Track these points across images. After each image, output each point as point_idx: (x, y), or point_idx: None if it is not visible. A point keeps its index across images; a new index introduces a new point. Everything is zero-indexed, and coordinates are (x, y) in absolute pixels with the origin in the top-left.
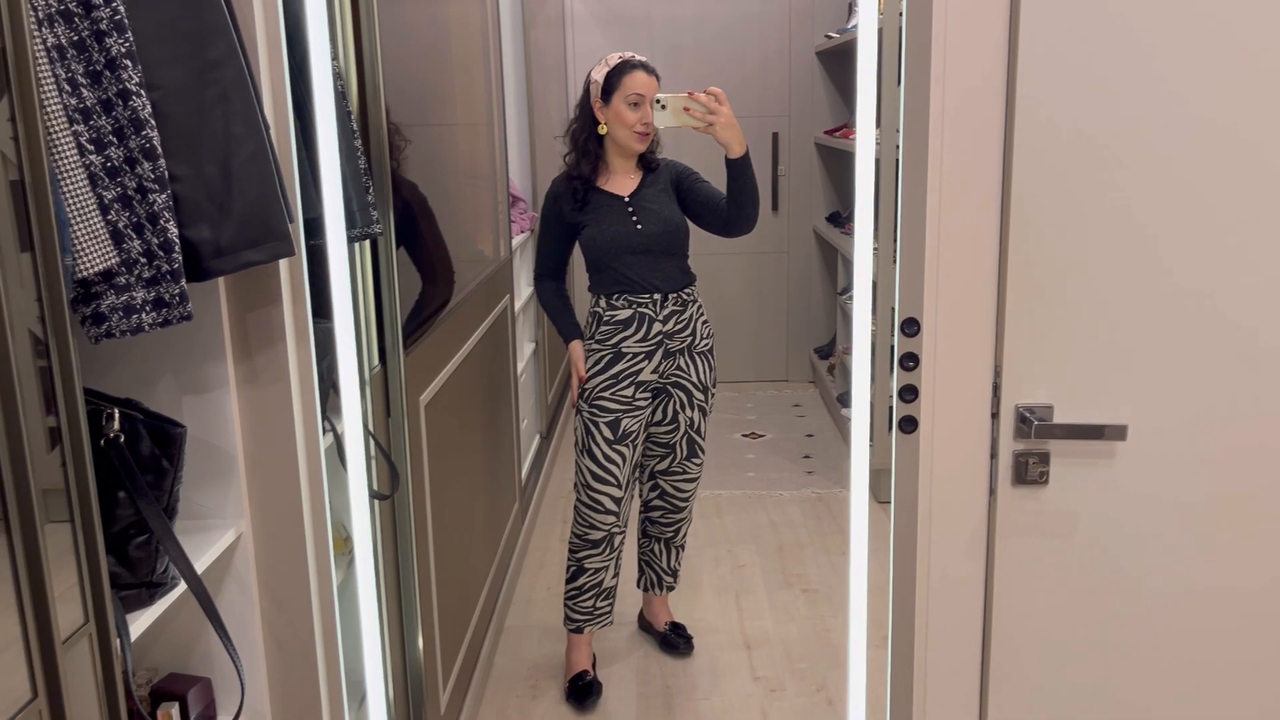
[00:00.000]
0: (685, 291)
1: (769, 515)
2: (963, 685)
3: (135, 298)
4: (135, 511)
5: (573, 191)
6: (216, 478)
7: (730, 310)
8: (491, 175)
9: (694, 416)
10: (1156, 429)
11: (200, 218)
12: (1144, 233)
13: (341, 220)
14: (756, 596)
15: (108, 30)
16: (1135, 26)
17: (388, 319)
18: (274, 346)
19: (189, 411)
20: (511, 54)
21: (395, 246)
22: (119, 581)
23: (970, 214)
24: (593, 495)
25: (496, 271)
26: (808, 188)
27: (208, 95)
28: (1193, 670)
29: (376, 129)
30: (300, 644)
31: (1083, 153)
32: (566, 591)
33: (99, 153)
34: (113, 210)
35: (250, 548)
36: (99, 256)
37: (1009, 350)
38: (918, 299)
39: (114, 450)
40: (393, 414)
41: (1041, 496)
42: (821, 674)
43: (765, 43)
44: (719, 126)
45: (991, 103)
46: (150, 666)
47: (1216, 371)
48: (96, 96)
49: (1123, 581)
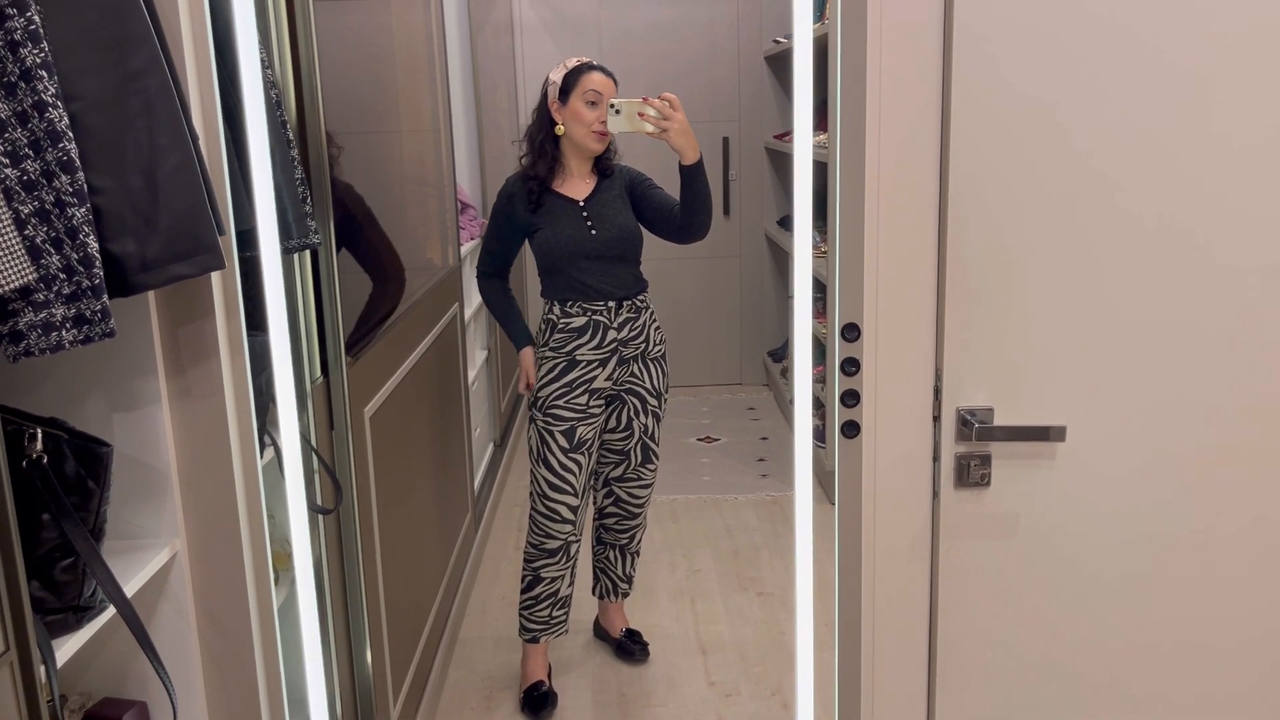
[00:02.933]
0: (639, 298)
1: (724, 519)
2: (909, 686)
3: (55, 315)
4: (60, 534)
5: (528, 192)
6: (149, 496)
7: (684, 314)
8: (439, 182)
9: (648, 423)
10: (1096, 430)
11: (125, 231)
12: (1082, 234)
13: (275, 231)
14: (712, 601)
15: (22, 40)
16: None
17: (329, 330)
18: (207, 361)
19: (119, 429)
20: (458, 60)
21: (337, 253)
22: (45, 606)
23: (908, 219)
24: (549, 505)
25: (445, 279)
26: (759, 192)
27: (130, 105)
28: (1136, 667)
29: (315, 138)
30: (239, 664)
31: (1020, 154)
32: (522, 601)
33: (14, 166)
34: (30, 225)
35: (186, 567)
36: (15, 273)
37: (949, 353)
38: (857, 304)
39: (37, 471)
40: (336, 426)
41: (983, 498)
42: (776, 677)
43: (714, 48)
44: (673, 132)
45: (927, 108)
46: (84, 691)
47: (1155, 372)
48: (11, 108)
49: (1065, 581)
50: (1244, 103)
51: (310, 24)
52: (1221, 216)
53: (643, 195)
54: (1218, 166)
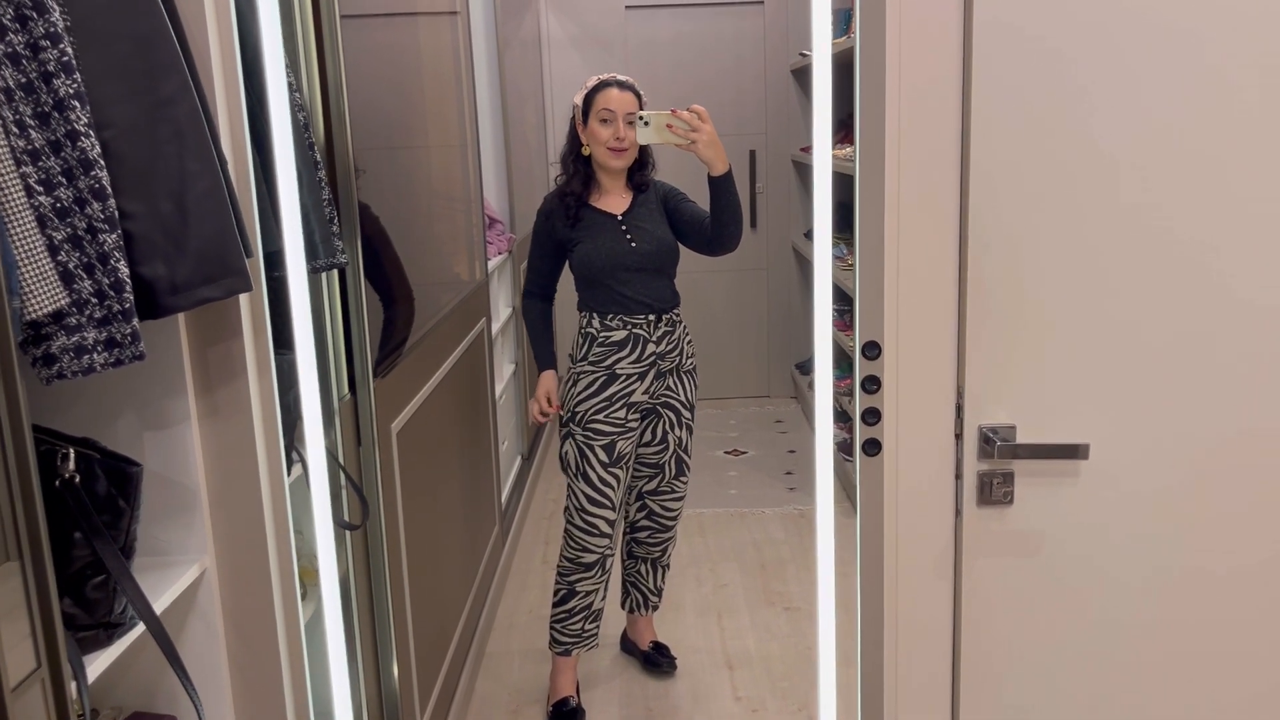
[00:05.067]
0: (675, 312)
1: (751, 533)
2: (933, 704)
3: (87, 338)
4: (92, 552)
5: (565, 208)
6: (179, 514)
7: (712, 327)
8: (466, 197)
9: (682, 435)
10: (1120, 447)
11: (155, 255)
12: (1105, 251)
13: (302, 253)
14: (738, 615)
15: (55, 71)
16: (1080, 63)
17: (356, 348)
18: (235, 380)
19: (150, 447)
20: (486, 76)
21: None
22: (76, 623)
23: (929, 237)
24: (588, 519)
25: (473, 294)
26: (785, 204)
27: (160, 132)
28: (1160, 686)
29: (343, 159)
30: (267, 678)
31: (1040, 172)
32: (554, 614)
33: (48, 194)
34: (62, 251)
35: (215, 583)
36: (48, 298)
37: (971, 371)
38: (878, 322)
39: (69, 491)
40: (363, 443)
41: (1006, 516)
42: (803, 693)
43: (741, 62)
44: (701, 144)
45: (948, 126)
46: (115, 706)
47: (1180, 390)
48: (45, 138)
49: (1090, 599)
50: (1274, 122)
51: (338, 47)
52: (1248, 234)
53: (675, 208)
54: (1245, 182)
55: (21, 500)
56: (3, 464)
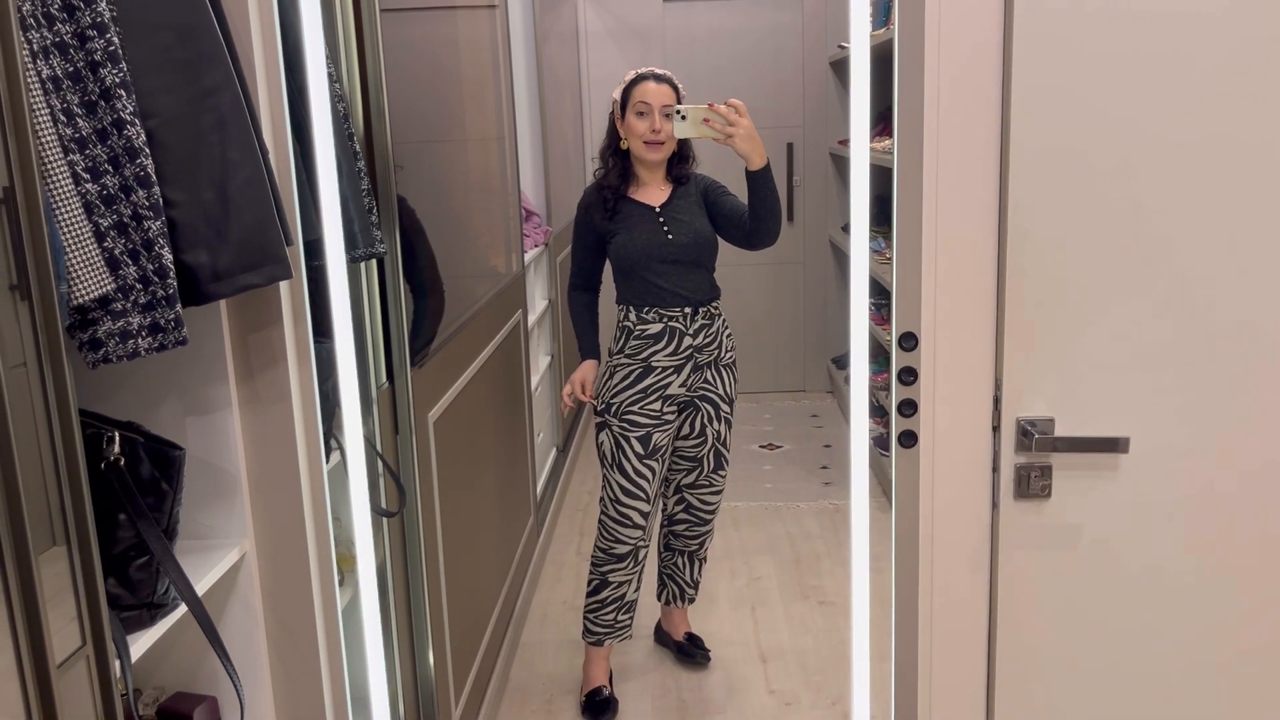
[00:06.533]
0: (714, 305)
1: (786, 527)
2: (967, 698)
3: (131, 323)
4: (135, 533)
5: (603, 201)
6: (220, 498)
7: (747, 321)
8: (503, 190)
9: (720, 429)
10: (1159, 441)
11: (198, 242)
12: (1144, 242)
13: (341, 241)
14: (773, 609)
15: (102, 61)
16: (1132, 38)
17: (395, 337)
18: (275, 367)
19: (192, 432)
20: (523, 69)
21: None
22: (120, 603)
23: (967, 228)
24: (621, 510)
25: (509, 286)
26: (823, 198)
27: (204, 122)
28: (1198, 683)
29: (382, 150)
30: (305, 662)
31: (1080, 163)
32: (587, 605)
33: (94, 181)
34: (108, 237)
35: (254, 567)
36: (95, 283)
37: (1009, 363)
38: (915, 313)
39: (114, 473)
40: (400, 431)
41: (1044, 510)
42: (837, 687)
43: (779, 54)
44: (738, 138)
45: (987, 115)
46: (157, 685)
47: (1219, 382)
48: (92, 126)
49: (1127, 594)
50: None
51: (377, 38)
52: None
53: (715, 201)
54: None
55: (68, 484)
56: (50, 448)
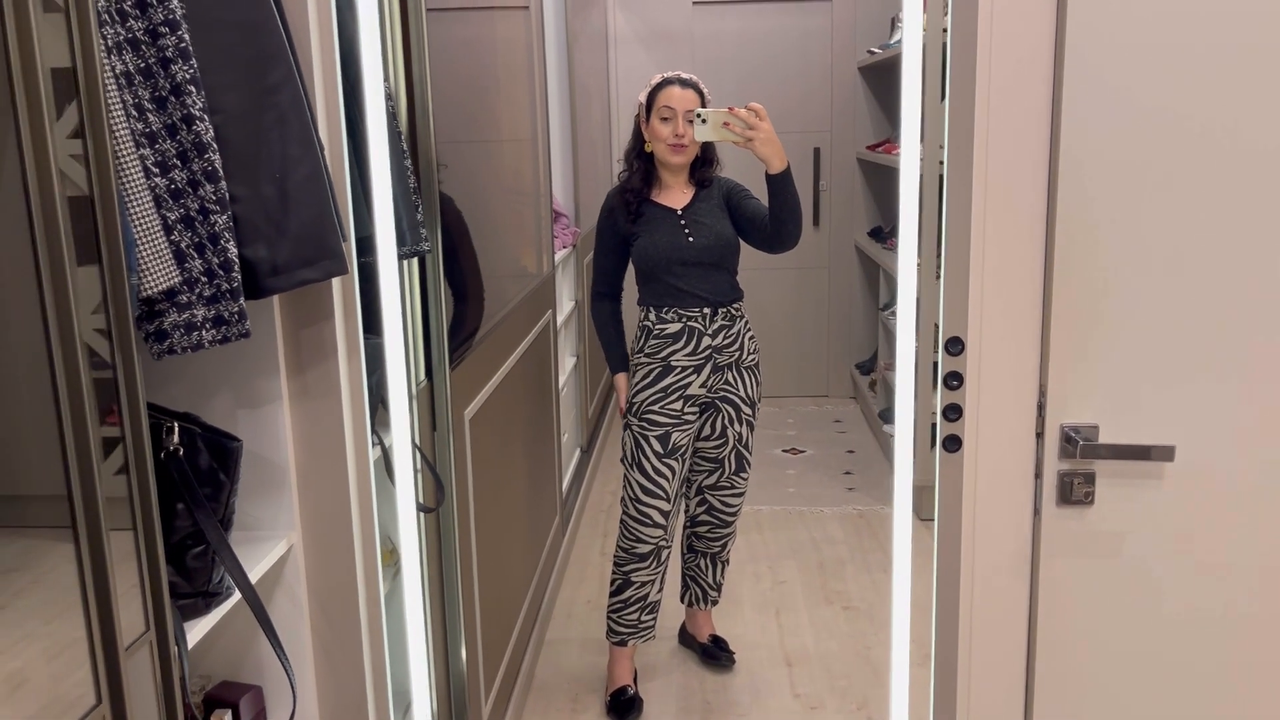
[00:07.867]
0: (735, 306)
1: (809, 531)
2: (1007, 706)
3: (196, 315)
4: (193, 523)
5: (626, 204)
6: (269, 490)
7: (772, 325)
8: (535, 191)
9: (742, 431)
10: (1205, 450)
11: (258, 237)
12: (1192, 250)
13: (393, 239)
14: (797, 613)
15: (173, 58)
16: (1183, 49)
17: (434, 335)
18: (326, 362)
19: (244, 425)
20: (556, 71)
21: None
22: (177, 591)
23: (1015, 232)
24: (641, 509)
25: (540, 286)
26: (849, 203)
27: (266, 119)
28: (1241, 694)
29: (426, 149)
30: (348, 653)
31: (1130, 168)
32: (610, 604)
33: (164, 175)
34: (176, 231)
35: (300, 559)
36: (163, 276)
37: (1054, 369)
38: (962, 318)
39: (173, 463)
40: (438, 428)
41: (1087, 517)
42: (862, 692)
43: (807, 58)
44: (758, 142)
45: (1037, 120)
46: (204, 674)
47: (1266, 391)
48: (162, 121)
49: (1169, 604)
50: None
51: (424, 39)
52: None
53: (738, 205)
54: None
55: (135, 469)
56: (121, 436)
